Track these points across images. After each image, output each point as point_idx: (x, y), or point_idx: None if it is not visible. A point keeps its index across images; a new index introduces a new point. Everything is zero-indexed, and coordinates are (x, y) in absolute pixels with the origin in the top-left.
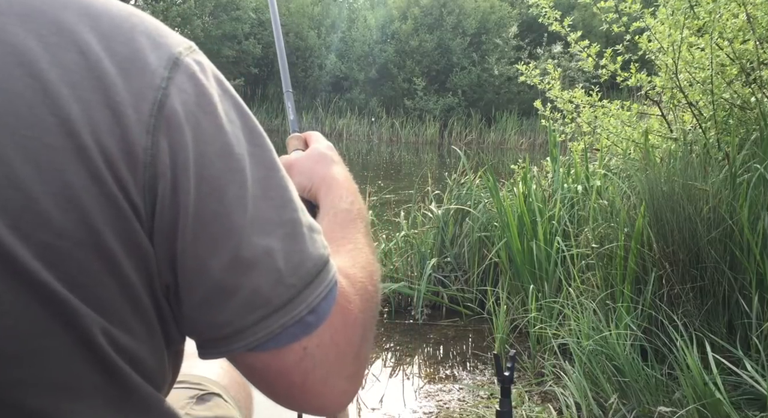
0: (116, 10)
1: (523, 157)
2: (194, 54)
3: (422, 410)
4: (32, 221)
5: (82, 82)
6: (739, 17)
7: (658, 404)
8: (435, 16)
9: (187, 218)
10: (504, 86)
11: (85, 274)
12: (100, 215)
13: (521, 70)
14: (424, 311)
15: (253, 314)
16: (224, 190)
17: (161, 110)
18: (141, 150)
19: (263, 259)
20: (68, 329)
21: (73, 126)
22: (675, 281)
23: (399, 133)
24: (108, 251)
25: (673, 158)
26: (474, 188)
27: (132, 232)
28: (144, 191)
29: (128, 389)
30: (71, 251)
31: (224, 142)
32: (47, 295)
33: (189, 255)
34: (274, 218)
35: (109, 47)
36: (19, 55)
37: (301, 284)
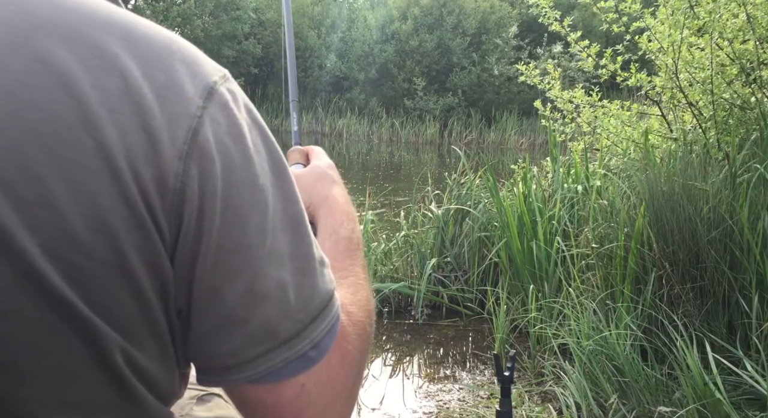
0: (156, 36)
1: (523, 157)
2: (227, 83)
3: (422, 410)
4: (62, 241)
5: (121, 107)
6: (739, 17)
7: (658, 404)
8: (435, 16)
9: (210, 246)
10: (504, 86)
11: (108, 294)
12: (127, 238)
13: (521, 70)
14: (424, 311)
15: (259, 346)
16: (247, 220)
17: (195, 138)
18: (172, 176)
19: (276, 291)
20: (89, 347)
21: (110, 149)
22: (675, 281)
23: (399, 133)
24: (132, 273)
25: (673, 158)
26: (474, 188)
27: (156, 255)
28: (170, 216)
29: (142, 407)
30: (97, 271)
31: (251, 173)
32: (71, 313)
33: (206, 282)
34: (290, 250)
35: (148, 73)
36: (62, 77)
37: (308, 318)
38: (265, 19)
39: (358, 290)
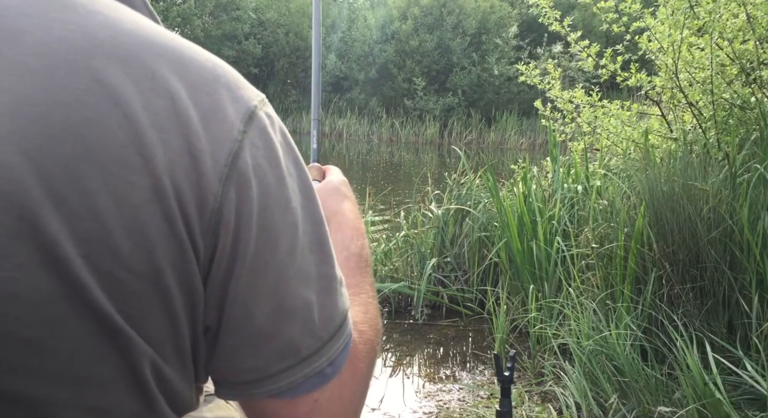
0: (203, 61)
1: (523, 157)
2: (265, 107)
3: (422, 410)
4: (104, 253)
5: (169, 127)
6: (739, 17)
7: (658, 404)
8: (435, 16)
9: (244, 266)
10: (504, 86)
11: (142, 307)
12: (164, 254)
13: (521, 70)
14: (424, 311)
15: (282, 362)
16: (279, 241)
17: (235, 162)
18: (212, 197)
19: (302, 310)
20: (121, 357)
21: (156, 168)
22: (675, 281)
23: (399, 133)
24: (166, 288)
25: (673, 158)
26: (474, 188)
27: (189, 273)
28: (207, 236)
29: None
30: (133, 284)
31: (284, 196)
32: (107, 324)
33: (238, 301)
34: (316, 271)
35: (195, 96)
36: (117, 97)
37: (327, 336)
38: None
39: (369, 309)
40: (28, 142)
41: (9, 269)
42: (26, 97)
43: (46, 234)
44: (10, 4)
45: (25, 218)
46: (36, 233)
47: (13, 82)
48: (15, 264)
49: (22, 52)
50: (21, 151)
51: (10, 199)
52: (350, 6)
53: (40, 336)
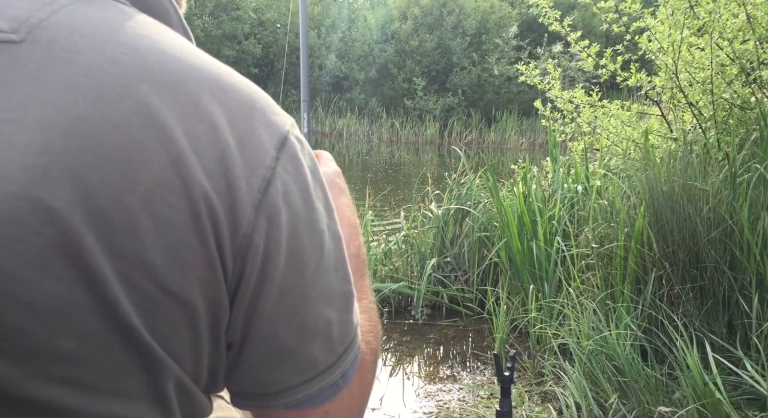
0: (241, 87)
1: (523, 157)
2: (295, 130)
3: (422, 410)
4: (139, 270)
5: (208, 153)
6: (739, 17)
7: (658, 404)
8: (435, 16)
9: (272, 288)
10: (504, 86)
11: (169, 323)
12: (196, 273)
13: (521, 70)
14: (424, 311)
15: (301, 376)
16: (306, 263)
17: (267, 187)
18: (245, 222)
19: (324, 328)
20: (145, 371)
21: (194, 191)
22: (675, 281)
23: (399, 133)
24: (193, 306)
25: (673, 158)
26: (474, 188)
27: (217, 292)
28: (236, 258)
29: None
30: (163, 301)
31: (312, 219)
32: (135, 338)
33: (265, 321)
34: (338, 290)
35: (233, 122)
36: (162, 120)
37: (342, 350)
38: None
39: (372, 316)
40: (78, 160)
41: (49, 282)
42: (79, 117)
43: (84, 249)
44: (64, 22)
45: (65, 232)
46: (74, 248)
47: (68, 102)
48: (54, 277)
49: (75, 72)
50: (70, 169)
51: (55, 214)
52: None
53: (74, 348)
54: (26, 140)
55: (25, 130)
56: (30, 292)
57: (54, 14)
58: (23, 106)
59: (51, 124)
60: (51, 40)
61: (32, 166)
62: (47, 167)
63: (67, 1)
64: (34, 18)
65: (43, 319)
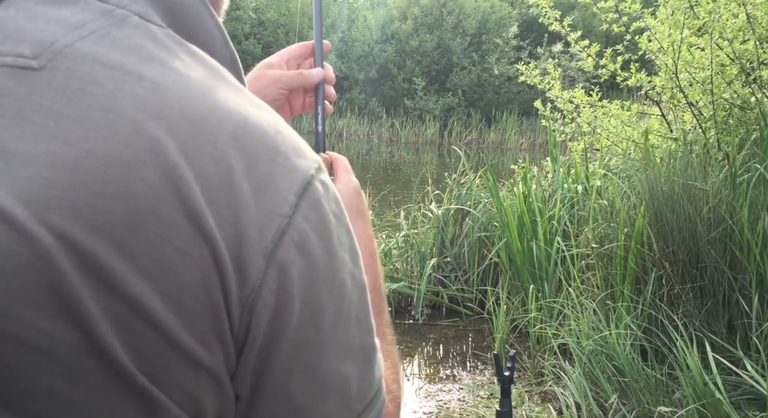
0: (266, 128)
1: (523, 157)
2: (321, 174)
3: (422, 410)
4: (137, 314)
5: (220, 198)
6: (739, 17)
7: (658, 404)
8: (435, 16)
9: (285, 344)
10: (504, 86)
11: (170, 371)
12: (199, 322)
13: (521, 70)
14: (424, 311)
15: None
16: (323, 316)
17: (282, 237)
18: (255, 272)
19: (341, 386)
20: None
21: (202, 236)
22: (675, 281)
23: (399, 133)
24: (196, 357)
25: (673, 158)
26: (474, 188)
27: (222, 343)
28: (243, 311)
29: None
30: (163, 348)
31: (332, 269)
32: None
33: (275, 377)
34: (358, 343)
35: (252, 166)
36: (176, 159)
37: (362, 408)
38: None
39: (393, 362)
40: (82, 197)
41: (42, 320)
42: (88, 152)
43: (75, 290)
44: (89, 50)
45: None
46: (65, 288)
47: (79, 136)
48: (47, 316)
49: (91, 104)
50: (72, 206)
51: (50, 251)
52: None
53: (66, 389)
54: (31, 173)
55: (32, 163)
56: (22, 330)
57: (80, 40)
58: (33, 138)
59: (59, 158)
60: (71, 69)
61: (33, 201)
62: (48, 203)
63: (98, 25)
64: (58, 44)
65: (34, 358)
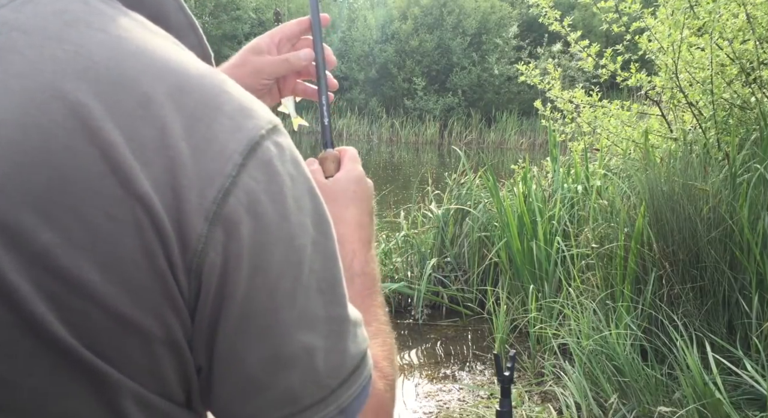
0: (210, 87)
1: (523, 157)
2: (275, 135)
3: (422, 410)
4: (72, 288)
5: (154, 160)
6: (739, 17)
7: (658, 404)
8: (435, 16)
9: (232, 310)
10: (504, 86)
11: (119, 346)
12: (143, 290)
13: (521, 70)
14: (424, 311)
15: (279, 411)
16: (277, 283)
17: (226, 198)
18: (195, 237)
19: (303, 357)
20: (96, 392)
21: (136, 202)
22: (675, 281)
23: (399, 133)
24: (145, 329)
25: (673, 158)
26: (474, 188)
27: (174, 310)
28: (191, 276)
29: None
30: (107, 322)
31: (287, 233)
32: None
33: (227, 345)
34: (323, 313)
35: (191, 127)
36: (101, 122)
37: (336, 383)
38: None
39: (386, 340)
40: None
41: None
42: (3, 122)
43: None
44: (7, 18)
45: None
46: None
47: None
48: None
49: (6, 72)
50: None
51: None
52: (350, 6)
53: (8, 371)
54: None
55: None
56: None
57: None
58: None
59: None
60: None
61: None
62: None
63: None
64: None
65: None
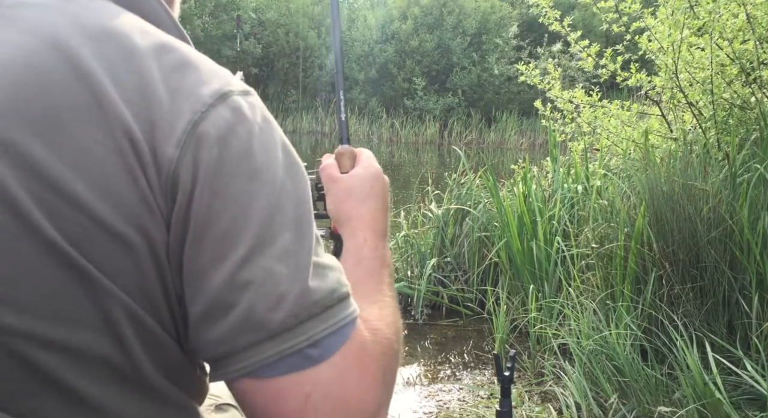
0: (189, 52)
1: (523, 157)
2: (249, 97)
3: (422, 410)
4: (63, 198)
5: (135, 99)
6: (739, 17)
7: (658, 404)
8: (435, 16)
9: (195, 229)
10: (504, 86)
11: (107, 254)
12: (130, 208)
13: (521, 70)
14: (424, 311)
15: (246, 335)
16: (240, 210)
17: (194, 129)
18: (168, 161)
19: (264, 280)
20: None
21: (117, 127)
22: (675, 281)
23: (399, 133)
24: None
25: (673, 158)
26: (474, 188)
27: (156, 230)
28: (167, 197)
29: (139, 372)
30: (95, 231)
31: (251, 167)
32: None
33: (193, 264)
34: (291, 247)
35: (168, 77)
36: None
37: (305, 314)
38: (265, 19)
39: (385, 308)
40: (4, 99)
41: None
42: (10, 64)
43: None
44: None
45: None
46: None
47: (4, 53)
48: None
49: (12, 31)
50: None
51: None
52: (350, 6)
53: (8, 270)
54: None
55: None
56: None
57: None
58: None
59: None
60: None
61: None
62: None
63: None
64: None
65: None
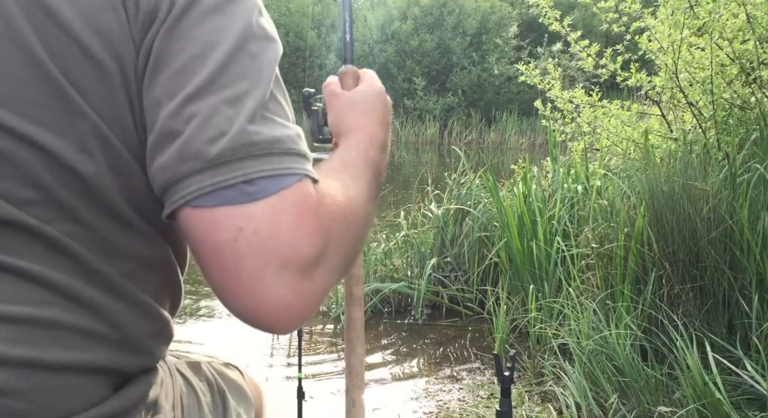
0: None
1: (523, 157)
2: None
3: (422, 410)
4: (53, 22)
5: None
6: (739, 17)
7: (658, 404)
8: (435, 16)
9: (156, 63)
10: (504, 86)
11: (84, 75)
12: (111, 40)
13: (521, 70)
14: (424, 311)
15: (185, 164)
16: (199, 51)
17: None
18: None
19: (208, 116)
20: (63, 111)
21: None
22: (675, 281)
23: (399, 133)
24: (106, 66)
25: (673, 158)
26: (474, 188)
27: (132, 63)
28: (141, 31)
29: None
30: (77, 53)
31: (221, 16)
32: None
33: (152, 96)
34: (240, 94)
35: None
36: None
37: (243, 152)
38: None
39: (350, 189)
40: None
41: None
42: None
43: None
44: None
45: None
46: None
47: None
48: None
49: None
50: None
51: None
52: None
53: (7, 87)
54: None
55: None
56: None
57: None
58: None
59: None
60: None
61: None
62: None
63: None
64: None
65: None
